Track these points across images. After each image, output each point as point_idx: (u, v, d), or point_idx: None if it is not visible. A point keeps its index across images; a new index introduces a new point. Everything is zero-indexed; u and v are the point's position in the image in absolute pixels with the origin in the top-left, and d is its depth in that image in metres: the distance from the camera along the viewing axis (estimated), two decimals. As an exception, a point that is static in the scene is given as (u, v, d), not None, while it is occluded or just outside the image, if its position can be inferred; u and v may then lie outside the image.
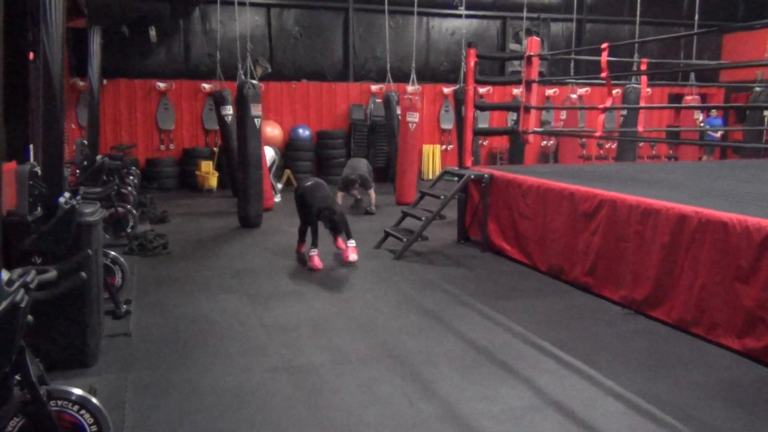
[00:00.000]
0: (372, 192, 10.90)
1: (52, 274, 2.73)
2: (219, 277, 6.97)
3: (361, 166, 11.15)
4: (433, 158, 15.97)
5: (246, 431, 3.67)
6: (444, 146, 16.20)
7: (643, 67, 9.64)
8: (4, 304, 2.22)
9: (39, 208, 4.13)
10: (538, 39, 8.83)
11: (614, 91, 10.34)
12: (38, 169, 4.09)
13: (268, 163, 11.28)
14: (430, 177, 15.17)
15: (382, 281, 6.88)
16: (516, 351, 4.90)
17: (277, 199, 11.93)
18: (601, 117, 7.88)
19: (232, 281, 6.84)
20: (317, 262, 7.22)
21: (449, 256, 8.01)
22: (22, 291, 2.33)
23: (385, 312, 5.87)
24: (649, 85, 9.85)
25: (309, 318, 5.65)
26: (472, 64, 8.70)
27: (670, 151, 16.54)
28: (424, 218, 8.16)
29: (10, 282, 2.33)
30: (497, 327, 5.44)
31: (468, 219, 8.66)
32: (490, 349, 4.90)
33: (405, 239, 8.03)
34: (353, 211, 10.87)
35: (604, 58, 7.47)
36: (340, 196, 10.72)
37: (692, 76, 14.11)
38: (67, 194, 4.22)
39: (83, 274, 2.94)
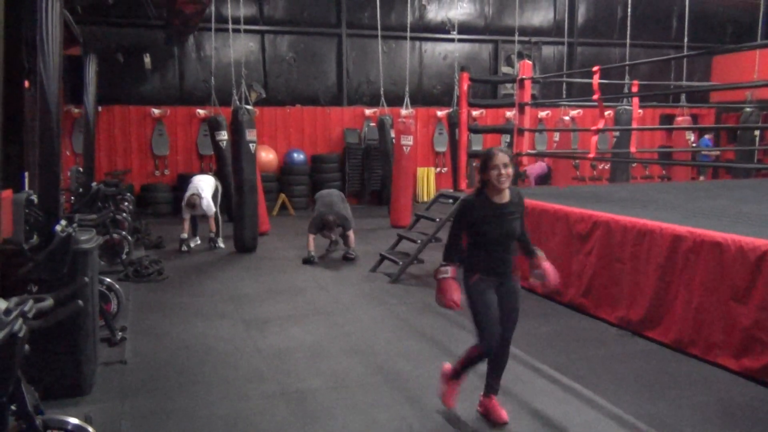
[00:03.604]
0: (351, 234, 9.17)
1: (48, 302, 2.72)
2: (215, 303, 6.95)
3: (336, 201, 9.27)
4: (427, 181, 16.02)
5: (243, 459, 3.64)
6: (438, 169, 16.26)
7: (635, 89, 9.73)
8: (2, 334, 2.21)
9: (35, 236, 4.13)
10: (531, 62, 8.92)
11: (606, 113, 10.42)
12: (34, 197, 4.09)
13: (210, 194, 9.91)
14: (425, 200, 15.21)
15: (379, 304, 6.86)
16: (513, 374, 4.87)
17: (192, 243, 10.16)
18: (594, 138, 7.94)
19: (227, 306, 6.81)
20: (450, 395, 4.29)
21: (445, 279, 7.99)
22: (20, 321, 2.32)
23: (382, 336, 5.85)
24: (640, 107, 9.94)
25: (305, 343, 5.63)
26: (465, 87, 8.77)
27: (663, 172, 16.64)
28: (419, 241, 8.17)
29: (7, 312, 2.32)
30: (494, 350, 5.42)
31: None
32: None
33: (401, 262, 8.03)
34: (328, 256, 9.39)
35: (596, 80, 7.55)
36: (311, 240, 9.09)
37: (683, 97, 14.25)
38: (63, 222, 4.22)
39: (79, 301, 2.93)
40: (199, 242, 10.19)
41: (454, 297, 3.84)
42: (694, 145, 14.94)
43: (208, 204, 9.71)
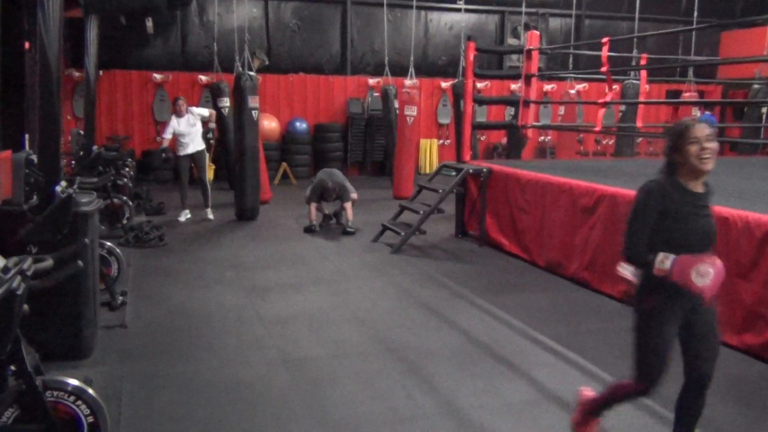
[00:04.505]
0: (349, 206, 8.98)
1: (48, 262, 2.69)
2: (215, 270, 6.93)
3: (337, 173, 9.29)
4: (430, 153, 15.93)
5: (243, 424, 3.63)
6: (441, 141, 16.16)
7: (643, 62, 9.60)
8: (1, 291, 2.18)
9: (35, 197, 4.08)
10: (538, 33, 8.78)
11: (613, 87, 10.30)
12: (34, 158, 4.03)
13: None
14: (428, 171, 15.13)
15: (380, 275, 6.84)
16: (515, 345, 4.88)
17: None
18: (601, 111, 7.85)
19: (228, 273, 6.79)
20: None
21: (447, 251, 7.98)
22: (18, 278, 2.29)
23: (384, 306, 5.84)
24: (647, 82, 9.82)
25: (306, 311, 5.62)
26: (471, 57, 8.66)
27: (668, 148, 16.51)
28: (422, 212, 8.13)
29: (6, 269, 2.29)
30: (496, 321, 5.41)
31: (466, 213, 8.63)
32: (488, 344, 4.87)
33: (403, 233, 7.99)
34: (324, 230, 9.11)
35: (605, 52, 7.44)
36: (313, 208, 9.01)
37: (690, 73, 14.10)
38: (63, 183, 4.17)
39: (80, 262, 2.89)
40: (189, 216, 9.64)
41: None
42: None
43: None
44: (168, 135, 9.37)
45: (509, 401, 3.95)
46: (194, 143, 9.45)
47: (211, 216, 9.68)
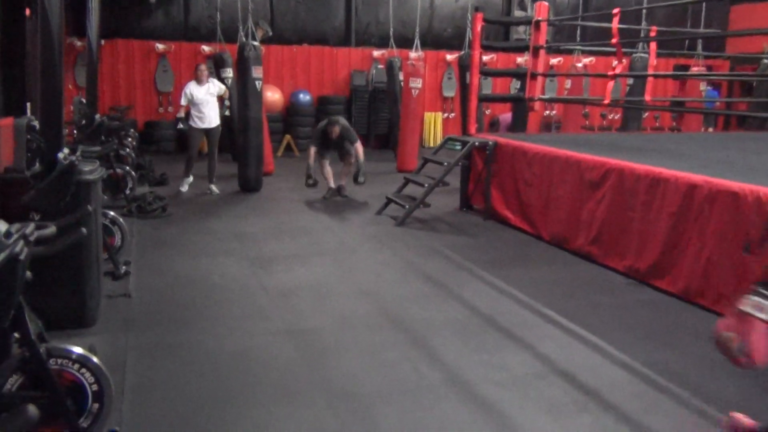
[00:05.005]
0: (359, 147, 8.85)
1: (51, 229, 2.64)
2: (219, 241, 6.90)
3: (340, 118, 9.18)
4: (434, 126, 15.81)
5: (248, 394, 3.62)
6: (446, 114, 16.03)
7: (653, 35, 9.46)
8: (3, 255, 2.14)
9: (37, 164, 4.03)
10: (547, 4, 8.63)
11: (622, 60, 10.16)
12: (36, 123, 3.97)
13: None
14: (432, 145, 15.01)
15: (384, 247, 6.81)
16: (520, 318, 4.86)
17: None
18: (610, 84, 7.74)
19: (232, 244, 6.76)
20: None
21: (451, 224, 7.94)
22: (21, 243, 2.25)
23: (388, 278, 5.81)
24: (656, 56, 9.66)
25: (310, 282, 5.59)
26: (478, 28, 8.53)
27: (674, 123, 16.39)
28: (426, 185, 8.07)
29: (8, 234, 2.24)
30: (501, 295, 5.39)
31: (471, 187, 8.57)
32: (493, 317, 4.85)
33: (407, 206, 7.95)
34: (328, 201, 8.90)
35: (615, 23, 7.31)
36: (313, 152, 8.89)
37: (699, 46, 13.89)
38: (66, 150, 4.12)
39: (83, 229, 2.85)
40: (191, 181, 9.49)
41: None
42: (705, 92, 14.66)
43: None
44: (183, 102, 9.18)
45: (514, 374, 3.93)
46: (211, 117, 9.28)
47: (216, 190, 9.54)
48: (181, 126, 9.09)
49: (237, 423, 3.30)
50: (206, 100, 9.17)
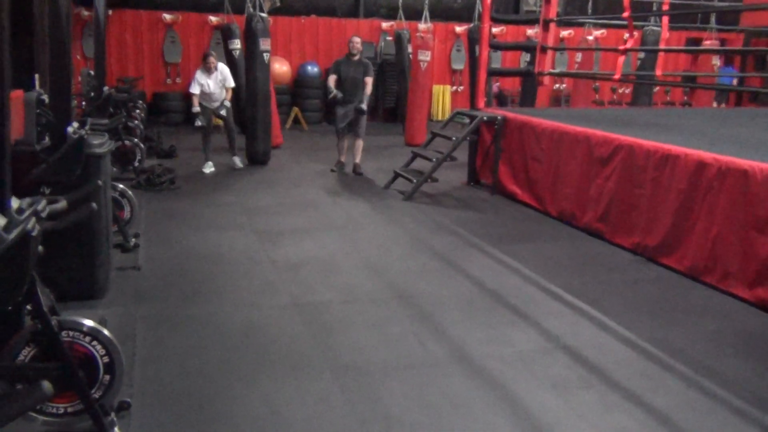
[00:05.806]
0: (369, 81, 8.96)
1: (62, 204, 2.67)
2: (227, 214, 6.93)
3: None
4: (443, 99, 15.70)
5: (255, 366, 3.67)
6: (454, 87, 15.91)
7: (665, 8, 9.31)
8: (16, 232, 2.16)
9: (47, 138, 4.05)
10: (558, -24, 8.52)
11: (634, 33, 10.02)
12: (45, 97, 3.98)
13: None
14: (440, 119, 14.94)
15: (392, 222, 6.82)
16: (526, 295, 4.88)
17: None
18: (621, 59, 7.66)
19: (240, 218, 6.79)
20: None
21: (459, 199, 7.94)
22: (33, 219, 2.27)
23: (395, 252, 5.84)
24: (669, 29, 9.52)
25: (318, 256, 5.62)
26: (488, 0, 8.43)
27: (685, 98, 16.22)
28: (434, 159, 8.05)
29: (20, 210, 2.27)
30: (507, 270, 5.40)
31: (479, 161, 8.55)
32: (500, 293, 4.88)
33: (415, 180, 7.94)
34: (338, 173, 9.09)
35: (627, -4, 7.21)
36: (332, 81, 9.00)
37: (712, 19, 13.69)
38: (75, 124, 4.12)
39: (93, 204, 2.87)
40: (213, 169, 9.14)
41: None
42: (719, 70, 14.49)
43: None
44: (195, 90, 9.06)
45: (520, 350, 3.96)
46: (219, 101, 9.10)
47: (240, 164, 9.36)
48: (199, 123, 8.97)
49: (245, 395, 3.35)
50: (216, 91, 9.09)
